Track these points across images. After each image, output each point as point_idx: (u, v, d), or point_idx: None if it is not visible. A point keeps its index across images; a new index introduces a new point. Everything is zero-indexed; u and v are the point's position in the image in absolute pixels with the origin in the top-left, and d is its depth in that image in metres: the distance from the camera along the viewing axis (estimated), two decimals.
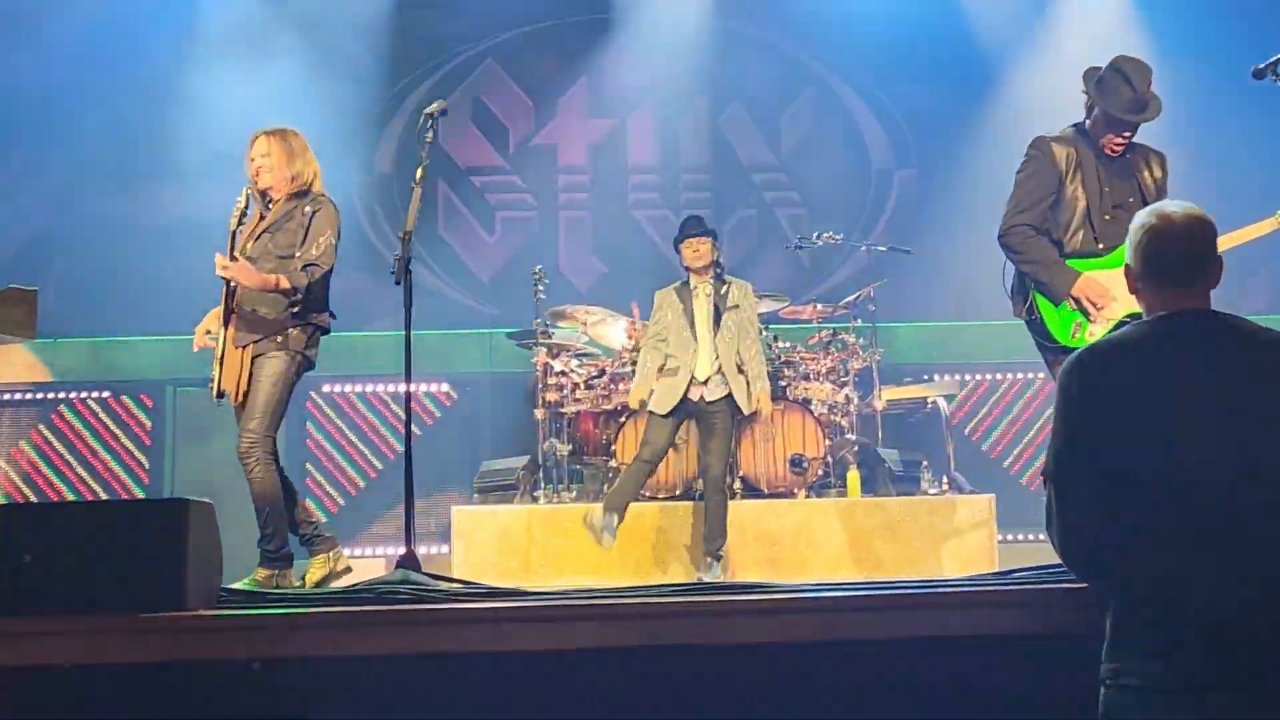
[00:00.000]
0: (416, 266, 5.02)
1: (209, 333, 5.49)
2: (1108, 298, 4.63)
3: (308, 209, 5.41)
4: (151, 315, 9.29)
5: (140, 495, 8.89)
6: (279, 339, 5.29)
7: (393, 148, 10.51)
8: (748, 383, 6.80)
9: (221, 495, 4.11)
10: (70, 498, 8.88)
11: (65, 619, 3.32)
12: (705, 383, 6.74)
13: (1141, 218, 2.94)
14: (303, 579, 5.32)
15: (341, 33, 10.24)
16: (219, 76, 9.74)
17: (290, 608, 3.62)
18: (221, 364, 5.31)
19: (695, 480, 7.17)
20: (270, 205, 5.50)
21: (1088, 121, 5.00)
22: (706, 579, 6.13)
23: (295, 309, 5.30)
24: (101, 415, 9.56)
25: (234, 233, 5.35)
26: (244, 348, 5.28)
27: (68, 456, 9.30)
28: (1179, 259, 2.88)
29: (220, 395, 5.36)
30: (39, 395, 9.57)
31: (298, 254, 5.32)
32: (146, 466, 9.21)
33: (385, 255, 8.85)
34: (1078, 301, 4.66)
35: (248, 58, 9.98)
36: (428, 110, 5.31)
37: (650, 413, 6.81)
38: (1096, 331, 4.65)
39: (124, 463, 9.45)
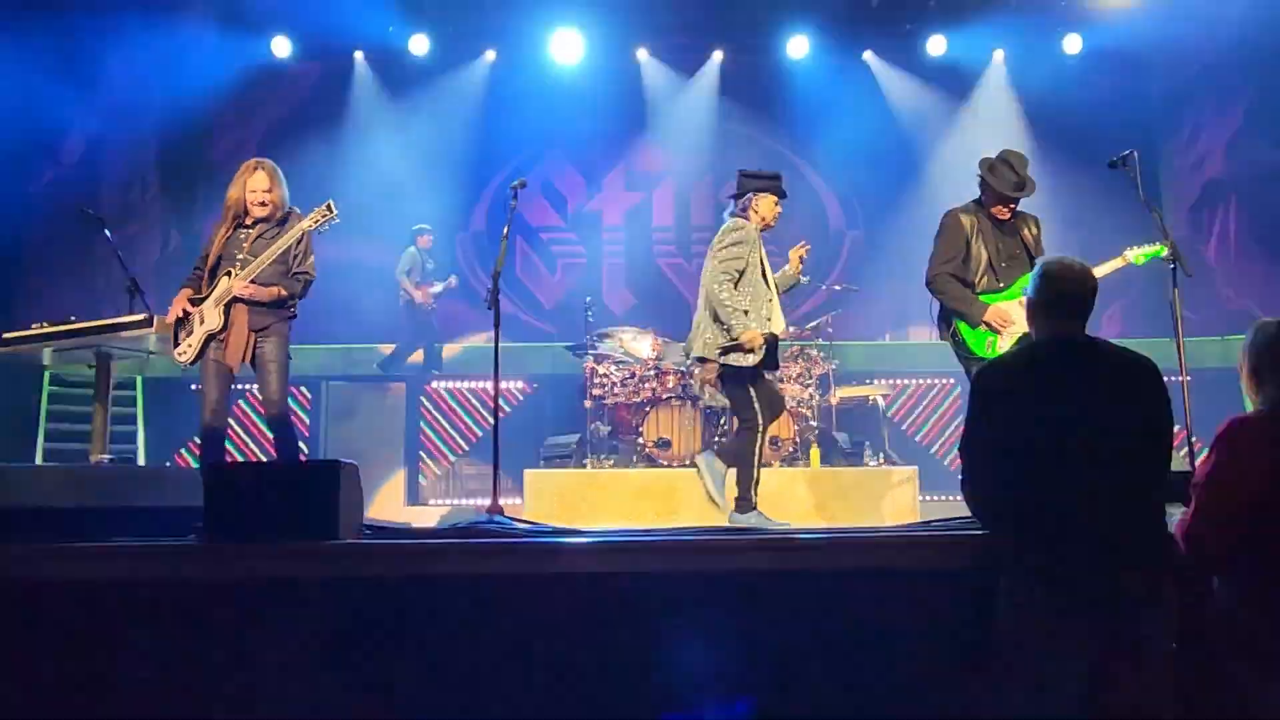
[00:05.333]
0: (502, 297, 5.04)
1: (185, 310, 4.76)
2: (1010, 321, 4.70)
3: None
4: (310, 330, 9.33)
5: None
6: (283, 326, 4.79)
7: (485, 211, 10.57)
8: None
9: (363, 459, 4.12)
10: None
11: (252, 544, 3.38)
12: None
13: (1046, 267, 2.96)
14: None
15: (451, 126, 10.31)
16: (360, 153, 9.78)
17: (411, 539, 3.64)
18: (222, 340, 4.66)
19: (699, 452, 7.16)
20: (248, 217, 4.84)
21: (982, 196, 5.04)
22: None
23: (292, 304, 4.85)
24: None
25: (298, 243, 4.77)
26: (262, 331, 4.70)
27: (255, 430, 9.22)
28: (1073, 298, 2.89)
29: (194, 362, 4.73)
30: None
31: (292, 265, 4.79)
32: (307, 438, 9.18)
33: (479, 289, 8.88)
34: (989, 324, 4.72)
35: (385, 140, 10.10)
36: (512, 185, 5.30)
37: (753, 370, 5.07)
38: (1004, 345, 4.70)
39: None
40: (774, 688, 3.20)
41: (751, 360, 5.04)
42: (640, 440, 7.39)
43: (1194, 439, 4.63)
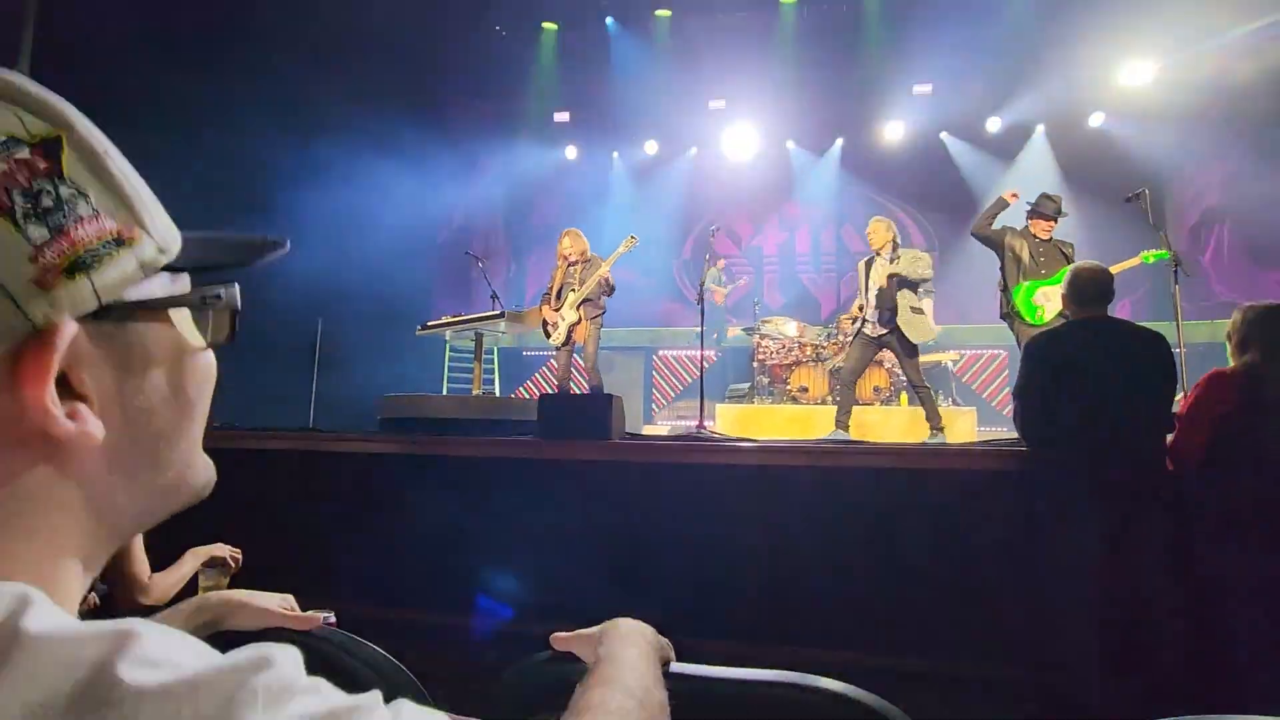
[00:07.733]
0: (705, 299, 5.08)
1: (554, 311, 5.37)
2: (1049, 298, 4.34)
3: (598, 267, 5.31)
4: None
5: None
6: (598, 317, 5.30)
7: (690, 246, 10.47)
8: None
9: (623, 392, 4.24)
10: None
11: (564, 440, 3.57)
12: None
13: (1076, 268, 2.71)
14: None
15: (671, 194, 10.32)
16: (617, 214, 9.96)
17: (651, 441, 3.74)
18: (569, 326, 5.23)
19: (826, 396, 6.95)
20: (568, 260, 5.40)
21: (1029, 219, 4.63)
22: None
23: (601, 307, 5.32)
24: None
25: (600, 280, 5.27)
26: (590, 319, 5.25)
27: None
28: (1094, 291, 2.63)
29: (564, 342, 5.27)
30: (545, 353, 9.92)
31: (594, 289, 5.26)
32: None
33: (687, 296, 8.96)
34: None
35: (630, 205, 10.24)
36: (712, 228, 5.37)
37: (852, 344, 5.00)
38: (1048, 315, 4.31)
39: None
40: (879, 539, 3.11)
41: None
42: (788, 387, 7.25)
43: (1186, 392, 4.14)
